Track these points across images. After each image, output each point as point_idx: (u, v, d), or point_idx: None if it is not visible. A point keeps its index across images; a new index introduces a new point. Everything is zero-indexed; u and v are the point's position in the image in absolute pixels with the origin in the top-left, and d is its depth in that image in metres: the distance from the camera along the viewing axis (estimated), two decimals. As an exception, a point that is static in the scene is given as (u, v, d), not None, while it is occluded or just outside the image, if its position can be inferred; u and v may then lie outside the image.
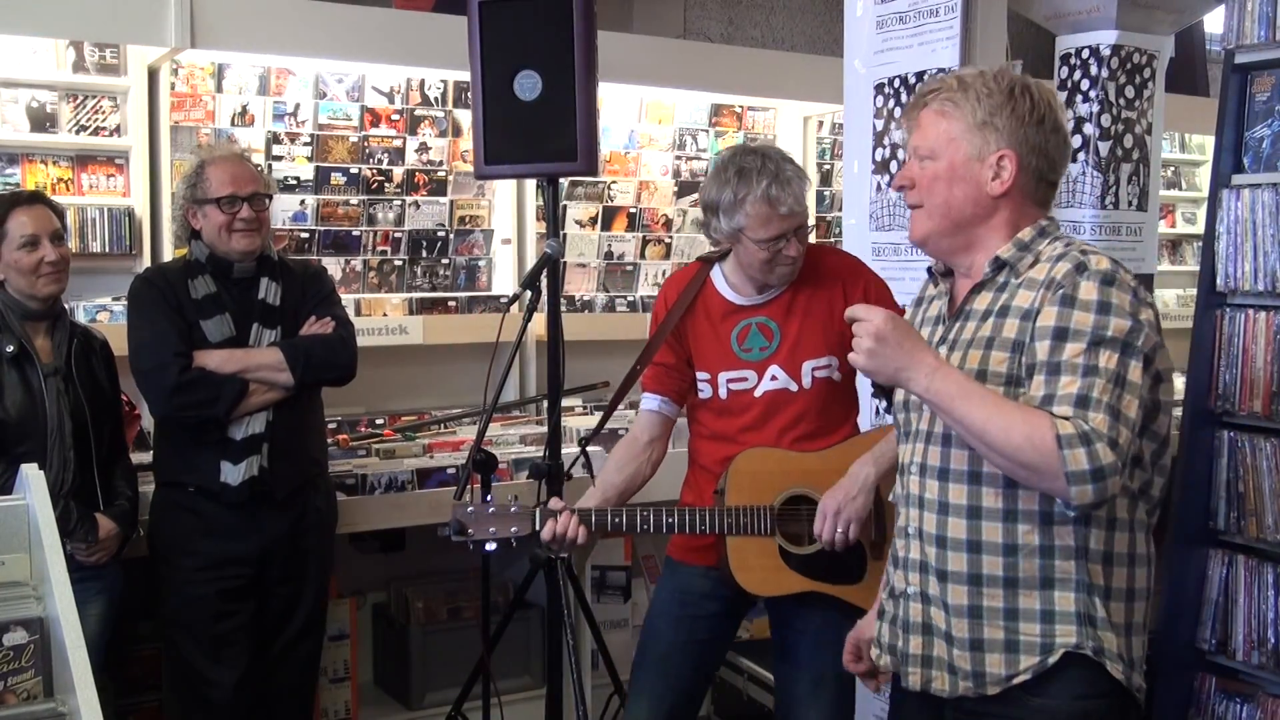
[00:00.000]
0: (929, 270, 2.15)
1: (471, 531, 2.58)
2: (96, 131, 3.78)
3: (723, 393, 2.71)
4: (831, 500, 2.55)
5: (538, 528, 2.58)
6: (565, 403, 3.38)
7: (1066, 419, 1.75)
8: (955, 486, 1.93)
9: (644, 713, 2.77)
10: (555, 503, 2.62)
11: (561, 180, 3.81)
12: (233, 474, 2.99)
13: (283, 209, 4.06)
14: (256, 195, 3.06)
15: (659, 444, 2.81)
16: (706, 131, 4.93)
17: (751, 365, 2.68)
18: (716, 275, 2.76)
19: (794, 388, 2.67)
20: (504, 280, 4.50)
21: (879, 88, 3.30)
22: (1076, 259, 1.86)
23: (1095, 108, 3.24)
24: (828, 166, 5.22)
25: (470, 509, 2.59)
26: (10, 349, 2.86)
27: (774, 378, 2.67)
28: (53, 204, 3.03)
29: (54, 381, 2.90)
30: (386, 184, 4.29)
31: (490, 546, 2.62)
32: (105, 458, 3.01)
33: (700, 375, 2.74)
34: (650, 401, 2.81)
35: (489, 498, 2.61)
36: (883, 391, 2.22)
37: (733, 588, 2.66)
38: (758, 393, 2.68)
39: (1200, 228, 3.25)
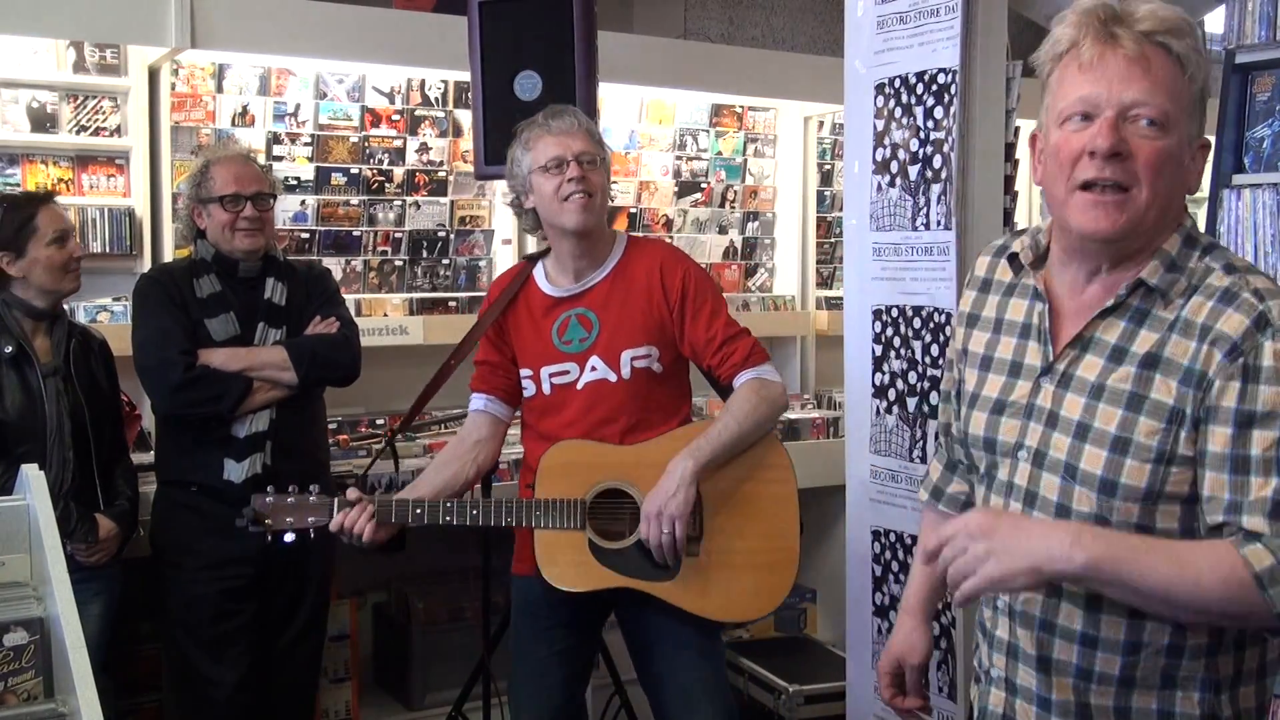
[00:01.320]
0: (1012, 255, 1.70)
1: (269, 522, 2.54)
2: (97, 132, 3.78)
3: (546, 388, 2.68)
4: (653, 502, 2.50)
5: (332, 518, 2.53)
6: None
7: (1257, 542, 1.41)
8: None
9: None
10: (352, 493, 2.55)
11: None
12: (236, 471, 2.99)
13: (283, 209, 4.06)
14: (260, 195, 3.07)
15: (487, 444, 2.76)
16: (707, 132, 4.93)
17: (572, 357, 2.65)
18: (538, 271, 2.74)
19: (613, 378, 2.63)
20: (504, 280, 4.50)
21: (879, 88, 3.30)
22: (1252, 307, 1.46)
23: (1096, 108, 3.23)
24: (828, 166, 5.21)
25: (269, 499, 2.55)
26: (9, 349, 2.87)
27: (594, 368, 2.64)
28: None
29: (53, 382, 2.91)
30: (387, 184, 4.29)
31: (289, 537, 2.56)
32: (105, 458, 3.02)
33: (524, 372, 2.72)
34: (476, 401, 2.79)
35: (291, 489, 2.56)
36: (946, 435, 1.85)
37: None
38: (579, 385, 2.65)
39: (1201, 228, 3.24)
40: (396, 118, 4.30)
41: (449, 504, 2.57)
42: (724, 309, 2.66)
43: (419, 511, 2.54)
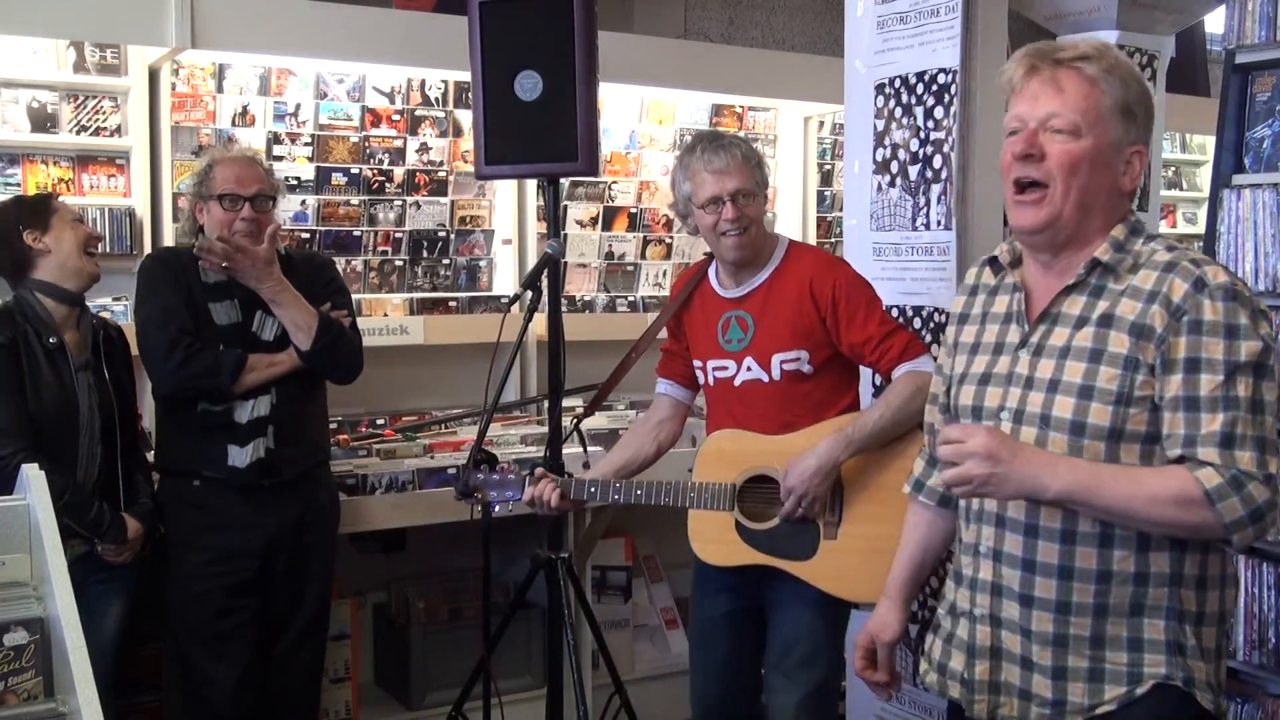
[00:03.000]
0: (992, 259, 2.00)
1: (479, 495, 2.89)
2: (97, 132, 3.78)
3: (710, 380, 2.86)
4: (794, 477, 2.67)
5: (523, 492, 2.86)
6: (565, 403, 3.40)
7: (1211, 465, 1.69)
8: (1047, 509, 1.81)
9: (699, 685, 2.92)
10: (540, 471, 2.90)
11: (562, 180, 3.81)
12: (240, 456, 3.01)
13: (283, 209, 4.05)
14: (260, 196, 3.08)
15: (668, 425, 2.99)
16: (707, 131, 4.93)
17: (732, 355, 2.82)
18: (712, 270, 2.91)
19: (765, 379, 2.77)
20: (505, 280, 4.50)
21: (879, 88, 3.30)
22: (1191, 273, 1.75)
23: (1096, 108, 3.23)
24: (828, 166, 5.21)
25: (480, 475, 2.88)
26: (53, 340, 2.89)
27: (749, 368, 2.79)
28: None
29: (85, 376, 2.94)
30: (387, 184, 4.29)
31: (496, 509, 2.92)
32: (127, 453, 3.04)
33: (695, 363, 2.91)
34: (659, 385, 3.03)
35: (499, 467, 2.91)
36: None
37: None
38: (736, 382, 2.81)
39: (1201, 228, 3.26)
40: (397, 118, 4.30)
41: (618, 484, 2.85)
42: (877, 309, 2.76)
43: (593, 490, 2.85)
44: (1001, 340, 1.92)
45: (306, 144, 4.13)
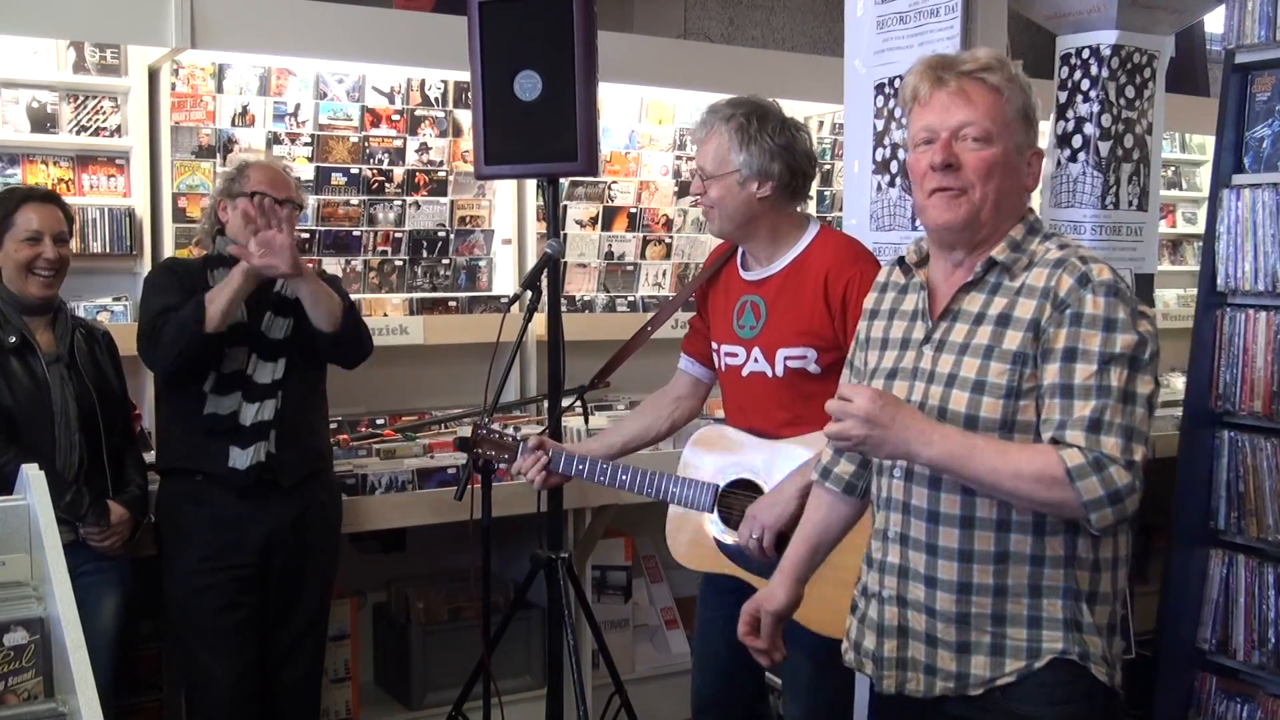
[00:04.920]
0: (900, 260, 2.10)
1: (479, 450, 2.89)
2: (97, 132, 3.78)
3: (722, 365, 2.77)
4: (758, 506, 2.57)
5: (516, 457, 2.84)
6: (565, 403, 3.40)
7: (1077, 447, 1.78)
8: (948, 496, 1.92)
9: (697, 680, 2.86)
10: (534, 440, 2.83)
11: (562, 180, 3.82)
12: (241, 458, 3.01)
13: (283, 209, 4.06)
14: (289, 201, 3.11)
15: (685, 402, 2.92)
16: (707, 131, 4.93)
17: (742, 342, 2.71)
18: (741, 250, 2.79)
19: (769, 374, 2.65)
20: (504, 280, 4.50)
21: (879, 88, 3.30)
22: (1078, 270, 1.85)
23: (1095, 108, 3.24)
24: (828, 166, 5.21)
25: (484, 431, 2.90)
26: (13, 340, 2.90)
27: (756, 359, 2.68)
28: (65, 207, 3.08)
29: (57, 369, 2.94)
30: (387, 184, 4.29)
31: (495, 469, 2.97)
32: (116, 447, 3.04)
33: (712, 344, 2.81)
34: (682, 360, 2.94)
35: (502, 425, 2.89)
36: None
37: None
38: (744, 372, 2.70)
39: (1200, 228, 3.26)
40: (396, 118, 4.29)
41: (604, 465, 2.79)
42: None
43: (581, 467, 2.79)
44: (908, 336, 2.02)
45: (306, 144, 4.13)
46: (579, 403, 3.33)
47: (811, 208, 5.12)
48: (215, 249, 3.14)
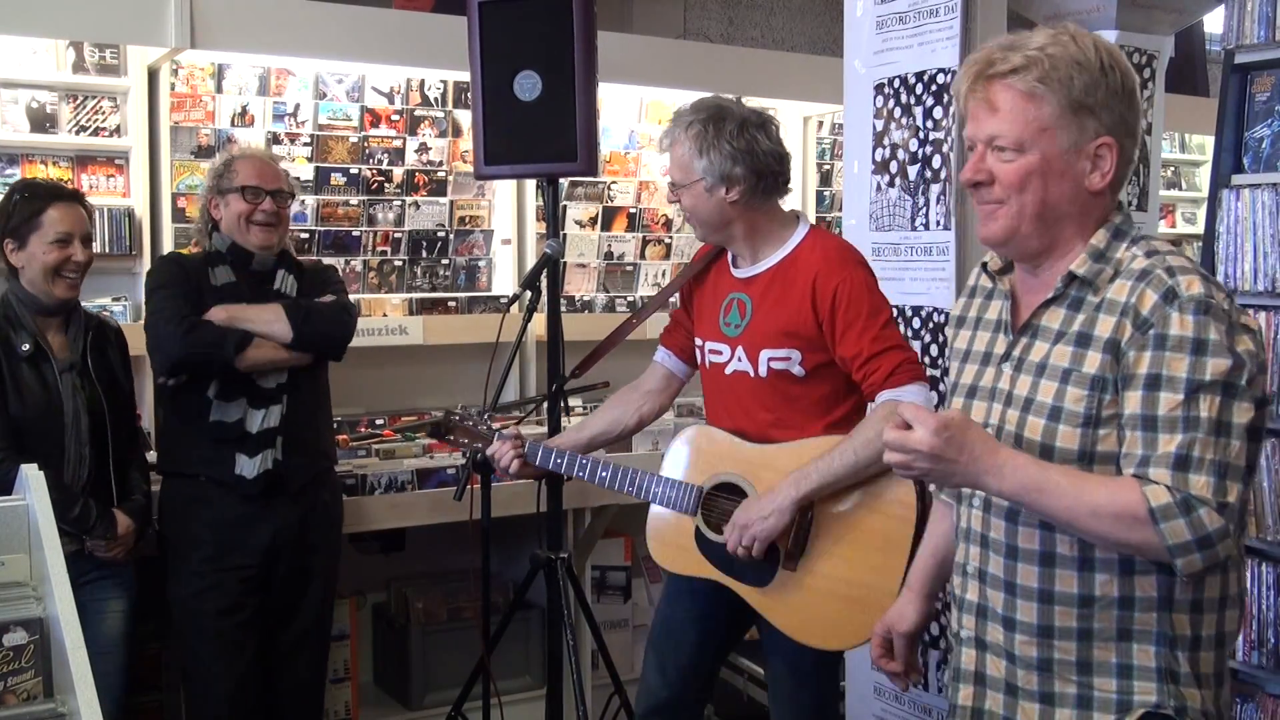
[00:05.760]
0: (983, 265, 1.96)
1: (452, 438, 2.86)
2: (96, 132, 3.78)
3: (705, 362, 2.72)
4: (744, 513, 2.51)
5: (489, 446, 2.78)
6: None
7: (1163, 485, 1.60)
8: (1026, 530, 1.75)
9: (653, 684, 2.80)
10: (509, 431, 2.80)
11: (561, 180, 3.82)
12: (248, 467, 3.01)
13: (283, 209, 4.06)
14: (280, 192, 3.11)
15: (655, 396, 2.86)
16: (706, 131, 4.93)
17: (727, 340, 2.66)
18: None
19: (752, 374, 2.61)
20: (504, 280, 4.50)
21: (879, 88, 3.30)
22: (1164, 283, 1.65)
23: (1095, 108, 3.23)
24: (828, 166, 5.22)
25: (457, 416, 2.85)
26: (26, 347, 2.85)
27: (739, 359, 2.63)
28: (87, 205, 3.04)
29: (69, 377, 2.90)
30: (386, 184, 4.29)
31: (465, 457, 2.92)
32: (121, 453, 3.01)
33: (696, 340, 2.77)
34: (658, 352, 2.88)
35: (474, 410, 2.86)
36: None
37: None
38: (727, 370, 2.65)
39: (1200, 228, 3.25)
40: (396, 118, 4.30)
41: (584, 459, 2.71)
42: (877, 323, 2.51)
43: (559, 461, 2.73)
44: (989, 350, 1.87)
45: (306, 144, 4.14)
46: (561, 401, 3.28)
47: (811, 208, 5.12)
48: (212, 245, 3.13)
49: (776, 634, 2.59)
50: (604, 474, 2.68)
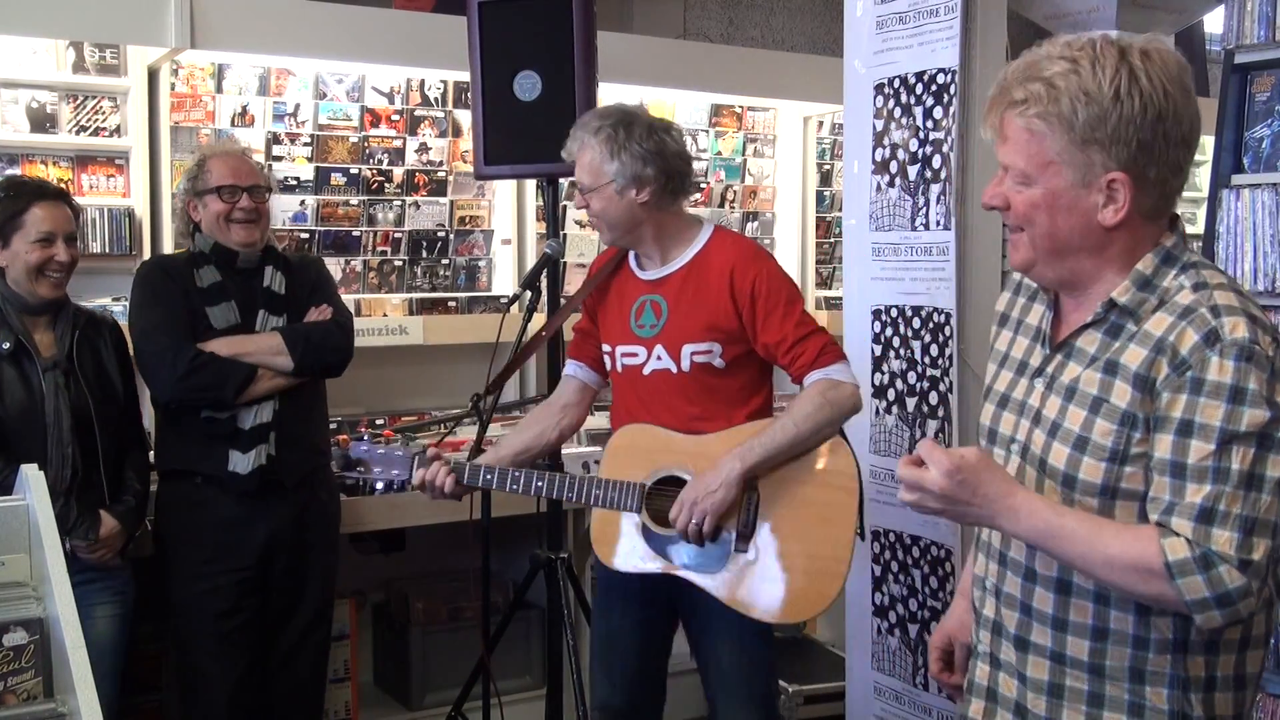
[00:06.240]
0: None
1: (361, 469, 2.77)
2: (96, 132, 3.78)
3: (618, 366, 2.74)
4: (691, 491, 2.53)
5: (412, 473, 2.70)
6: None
7: (1183, 537, 1.53)
8: (1044, 554, 1.69)
9: (603, 694, 2.81)
10: (432, 451, 2.72)
11: (561, 180, 3.81)
12: (242, 463, 3.00)
13: (283, 209, 4.06)
14: (256, 187, 3.09)
15: (573, 410, 2.86)
16: (706, 131, 4.93)
17: (642, 342, 2.69)
18: (633, 252, 2.78)
19: (674, 369, 2.65)
20: (504, 280, 4.50)
21: (879, 88, 3.30)
22: (1207, 324, 1.56)
23: (1095, 108, 3.23)
24: (828, 166, 5.22)
25: (364, 448, 2.76)
26: (7, 345, 2.83)
27: (659, 357, 2.66)
28: (73, 204, 3.02)
29: (53, 376, 2.86)
30: (386, 184, 4.29)
31: (379, 486, 2.80)
32: (115, 451, 2.98)
33: (604, 347, 2.78)
34: (569, 366, 2.89)
35: (388, 439, 2.76)
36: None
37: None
38: (646, 370, 2.68)
39: (1200, 228, 3.26)
40: (396, 118, 4.30)
41: (517, 473, 2.66)
42: (796, 310, 2.61)
43: (489, 477, 2.67)
44: (1025, 360, 1.79)
45: (306, 144, 4.14)
46: (477, 414, 3.15)
47: (811, 208, 5.12)
48: (196, 246, 3.11)
49: (722, 623, 2.61)
50: (539, 484, 2.64)
